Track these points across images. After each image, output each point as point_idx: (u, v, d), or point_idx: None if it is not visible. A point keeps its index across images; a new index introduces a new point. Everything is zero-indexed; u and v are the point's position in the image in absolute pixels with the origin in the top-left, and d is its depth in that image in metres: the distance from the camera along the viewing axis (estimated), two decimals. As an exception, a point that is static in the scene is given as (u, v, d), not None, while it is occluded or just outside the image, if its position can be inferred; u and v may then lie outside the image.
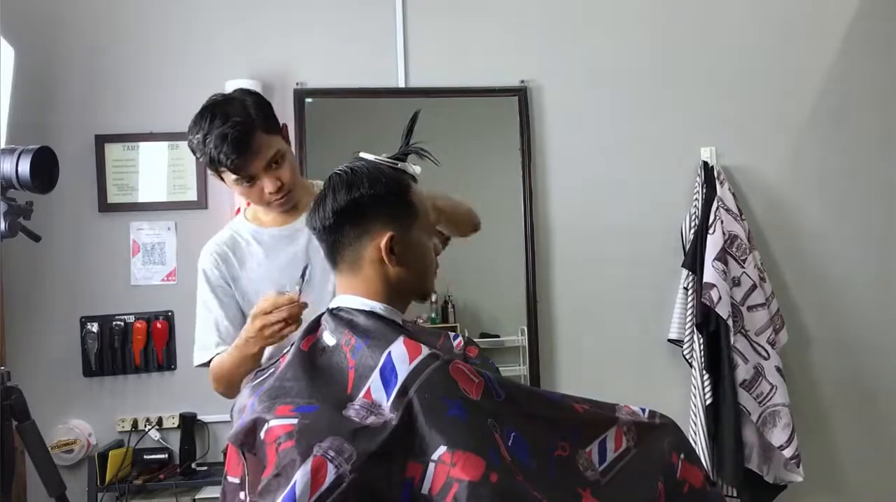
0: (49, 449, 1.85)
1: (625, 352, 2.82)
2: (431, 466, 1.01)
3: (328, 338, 1.17)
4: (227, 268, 1.71)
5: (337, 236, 1.20)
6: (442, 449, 1.02)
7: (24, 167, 1.72)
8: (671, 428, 1.25)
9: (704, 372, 2.68)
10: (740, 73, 2.92)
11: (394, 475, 1.00)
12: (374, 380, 1.08)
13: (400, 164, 1.25)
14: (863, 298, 2.94)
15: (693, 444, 2.69)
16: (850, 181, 2.95)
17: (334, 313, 1.20)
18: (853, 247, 2.94)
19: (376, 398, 1.06)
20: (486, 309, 2.89)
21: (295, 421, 1.02)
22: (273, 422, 1.03)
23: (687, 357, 2.77)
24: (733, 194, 2.80)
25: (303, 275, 1.47)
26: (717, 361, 2.70)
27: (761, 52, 2.94)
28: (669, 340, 2.82)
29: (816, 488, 2.85)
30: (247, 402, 1.12)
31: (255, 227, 1.75)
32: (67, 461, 2.56)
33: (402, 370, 1.08)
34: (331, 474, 0.96)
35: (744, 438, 2.68)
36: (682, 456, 1.21)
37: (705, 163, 2.84)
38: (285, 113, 2.73)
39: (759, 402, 2.68)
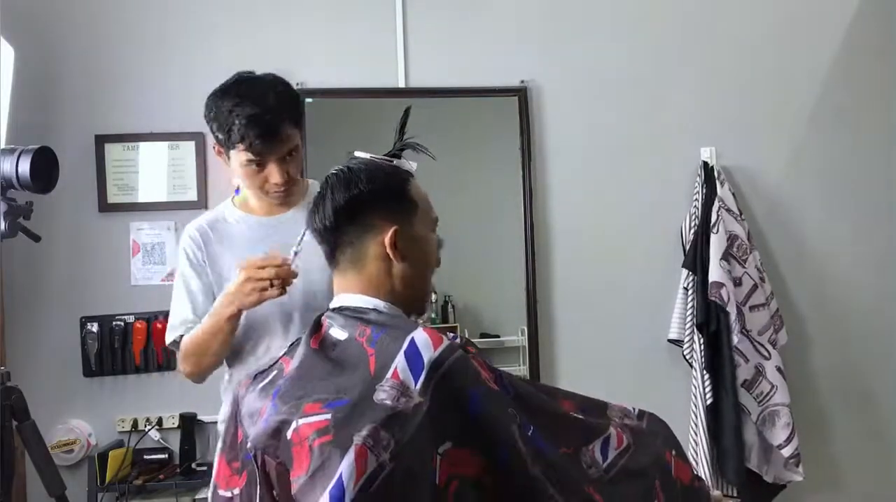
0: (49, 449, 1.85)
1: (625, 352, 2.82)
2: (438, 459, 1.01)
3: (337, 333, 1.15)
4: (207, 247, 1.69)
5: (338, 235, 1.19)
6: (448, 444, 1.02)
7: (24, 167, 1.72)
8: (662, 425, 1.27)
9: (705, 372, 2.68)
10: (740, 73, 2.92)
11: (425, 463, 1.00)
12: (399, 362, 1.05)
13: (395, 161, 1.24)
14: (862, 298, 2.94)
15: (694, 445, 2.70)
16: (850, 181, 2.95)
17: (339, 311, 1.18)
18: (853, 247, 2.95)
19: (403, 379, 1.04)
20: (486, 309, 2.88)
21: (327, 416, 1.00)
22: (301, 421, 1.00)
23: (687, 357, 2.77)
24: (733, 194, 2.80)
25: (299, 242, 1.44)
26: (718, 361, 2.70)
27: (761, 51, 2.94)
28: (669, 340, 2.82)
29: (816, 487, 2.85)
30: (261, 405, 1.10)
31: (241, 213, 1.74)
32: (67, 461, 2.56)
33: (427, 355, 1.06)
34: (371, 462, 0.95)
35: (744, 438, 2.68)
36: (674, 453, 1.22)
37: (705, 163, 2.84)
38: (285, 113, 2.73)
39: (759, 402, 2.68)
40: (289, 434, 1.01)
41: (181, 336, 1.66)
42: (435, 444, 1.02)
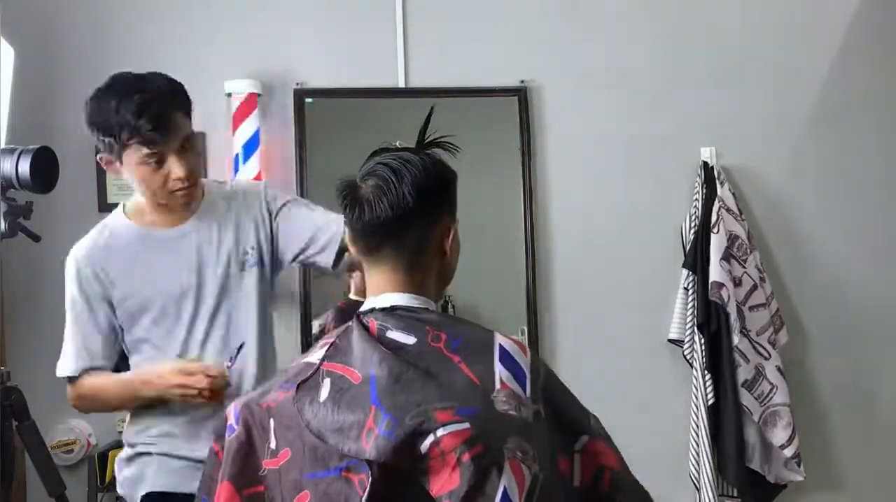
0: (49, 449, 1.85)
1: (625, 353, 2.82)
2: (577, 457, 1.03)
3: (400, 336, 1.06)
4: (104, 272, 1.61)
5: (405, 225, 1.08)
6: (585, 438, 1.05)
7: (24, 167, 1.71)
8: None
9: (706, 372, 2.68)
10: (740, 73, 2.92)
11: (555, 468, 1.01)
12: (501, 371, 1.03)
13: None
14: (862, 298, 2.94)
15: (695, 446, 2.70)
16: (850, 181, 2.95)
17: (390, 312, 1.09)
18: (853, 247, 2.94)
19: (512, 387, 1.02)
20: (486, 309, 2.88)
21: (466, 425, 0.94)
22: (442, 432, 0.93)
23: (687, 357, 2.77)
24: (733, 194, 2.80)
25: (237, 353, 1.45)
26: (718, 361, 2.70)
27: (761, 51, 2.93)
28: (670, 340, 2.82)
29: (816, 487, 2.85)
30: (354, 418, 0.97)
31: (136, 227, 1.65)
32: (67, 461, 2.56)
33: (523, 362, 1.06)
34: (527, 475, 0.94)
35: (745, 438, 2.68)
36: None
37: (705, 163, 2.84)
38: (285, 113, 2.73)
39: (760, 402, 2.68)
40: (425, 446, 0.94)
41: (79, 374, 1.64)
42: (563, 447, 1.03)
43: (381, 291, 1.12)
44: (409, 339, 1.06)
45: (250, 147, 2.62)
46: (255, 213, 1.68)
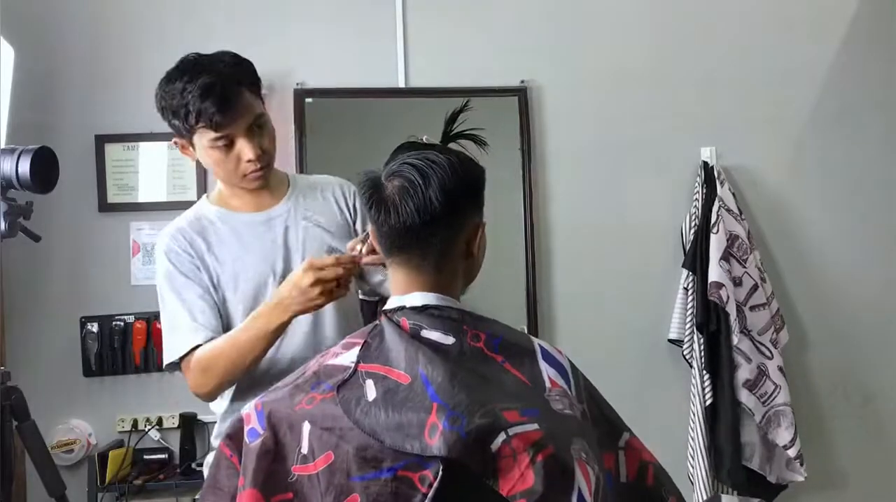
0: (49, 449, 1.85)
1: (625, 352, 2.82)
2: (621, 453, 1.04)
3: (436, 336, 1.04)
4: (196, 251, 1.52)
5: (434, 227, 1.06)
6: (626, 435, 1.06)
7: (24, 167, 1.72)
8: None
9: (704, 372, 2.68)
10: (740, 73, 2.92)
11: (602, 466, 1.01)
12: (548, 370, 1.04)
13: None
14: (863, 298, 2.94)
15: (692, 445, 2.70)
16: (850, 181, 2.95)
17: (422, 311, 1.07)
18: (853, 247, 2.94)
19: (563, 386, 1.03)
20: (486, 309, 2.86)
21: (535, 426, 0.94)
22: (512, 431, 0.92)
23: (687, 357, 2.77)
24: (733, 194, 2.80)
25: (365, 236, 1.34)
26: (718, 361, 2.70)
27: (761, 52, 2.93)
28: (669, 340, 2.82)
29: (816, 487, 2.85)
30: (414, 416, 0.94)
31: (222, 210, 1.58)
32: (67, 461, 2.56)
33: (563, 361, 1.07)
34: (591, 475, 0.95)
35: (745, 438, 2.68)
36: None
37: (705, 163, 2.84)
38: (285, 113, 2.73)
39: (763, 402, 2.68)
40: (496, 444, 0.92)
41: (191, 351, 1.46)
42: (605, 446, 1.04)
43: (407, 290, 1.10)
44: (448, 339, 1.04)
45: (250, 147, 2.62)
46: (343, 206, 1.65)
